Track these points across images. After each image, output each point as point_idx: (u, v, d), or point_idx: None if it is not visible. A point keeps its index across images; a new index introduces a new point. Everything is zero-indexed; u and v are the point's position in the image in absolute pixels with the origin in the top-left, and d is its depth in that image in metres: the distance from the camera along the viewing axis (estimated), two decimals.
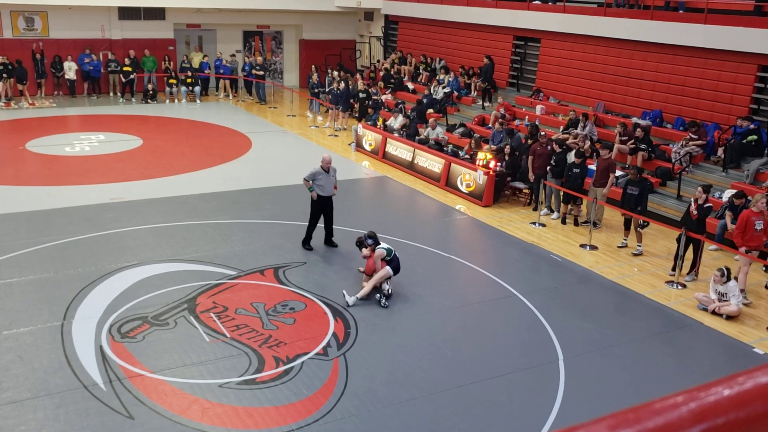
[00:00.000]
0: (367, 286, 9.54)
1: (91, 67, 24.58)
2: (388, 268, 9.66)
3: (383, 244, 9.81)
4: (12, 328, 8.46)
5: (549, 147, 13.85)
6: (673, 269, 10.93)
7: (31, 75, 23.79)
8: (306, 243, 11.38)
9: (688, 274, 10.86)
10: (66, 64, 24.32)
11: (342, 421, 6.85)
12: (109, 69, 24.76)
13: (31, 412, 6.80)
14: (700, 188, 11.07)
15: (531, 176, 14.09)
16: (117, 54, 25.00)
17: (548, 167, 13.61)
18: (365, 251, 9.76)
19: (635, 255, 11.86)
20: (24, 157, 17.12)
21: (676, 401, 0.56)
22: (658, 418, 0.54)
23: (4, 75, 22.99)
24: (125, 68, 24.53)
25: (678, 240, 10.97)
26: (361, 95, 21.83)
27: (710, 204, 11.03)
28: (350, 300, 9.37)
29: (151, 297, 9.39)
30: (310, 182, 11.12)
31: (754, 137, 13.89)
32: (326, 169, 11.10)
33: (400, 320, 9.14)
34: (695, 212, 10.79)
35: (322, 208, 11.22)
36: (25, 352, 7.91)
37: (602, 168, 12.98)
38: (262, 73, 25.64)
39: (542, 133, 14.88)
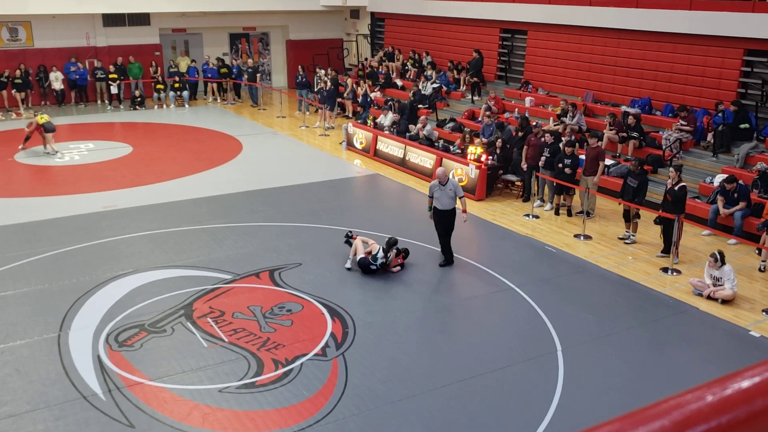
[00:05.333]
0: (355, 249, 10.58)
1: (78, 76, 24.45)
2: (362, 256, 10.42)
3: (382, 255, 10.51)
4: (8, 341, 8.44)
5: (542, 138, 13.83)
6: (663, 251, 11.10)
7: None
8: (445, 261, 10.91)
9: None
10: (52, 75, 24.18)
11: (343, 420, 6.86)
12: (95, 77, 24.65)
13: (31, 425, 6.78)
14: (672, 168, 11.19)
15: (524, 165, 14.08)
16: (103, 61, 24.88)
17: (542, 158, 13.58)
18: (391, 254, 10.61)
19: (627, 244, 11.92)
20: (13, 168, 17.02)
21: (660, 409, 0.57)
22: (641, 428, 0.55)
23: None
24: (111, 75, 24.41)
25: (656, 222, 11.40)
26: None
27: (683, 184, 11.08)
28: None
29: (147, 304, 9.37)
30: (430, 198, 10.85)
31: (746, 125, 13.94)
32: (442, 182, 10.67)
33: (397, 317, 9.15)
34: (668, 194, 10.96)
35: (439, 221, 10.78)
36: (22, 365, 7.88)
37: (591, 157, 13.02)
38: (258, 75, 25.56)
39: (537, 124, 14.87)
